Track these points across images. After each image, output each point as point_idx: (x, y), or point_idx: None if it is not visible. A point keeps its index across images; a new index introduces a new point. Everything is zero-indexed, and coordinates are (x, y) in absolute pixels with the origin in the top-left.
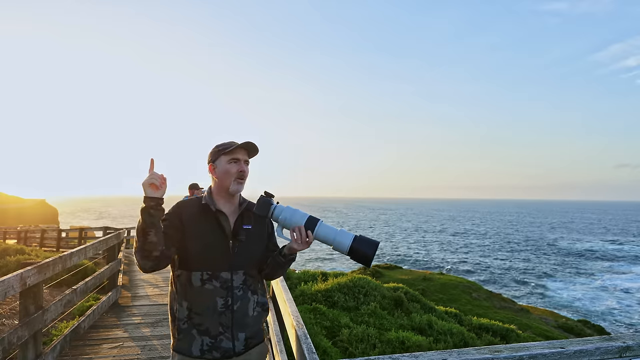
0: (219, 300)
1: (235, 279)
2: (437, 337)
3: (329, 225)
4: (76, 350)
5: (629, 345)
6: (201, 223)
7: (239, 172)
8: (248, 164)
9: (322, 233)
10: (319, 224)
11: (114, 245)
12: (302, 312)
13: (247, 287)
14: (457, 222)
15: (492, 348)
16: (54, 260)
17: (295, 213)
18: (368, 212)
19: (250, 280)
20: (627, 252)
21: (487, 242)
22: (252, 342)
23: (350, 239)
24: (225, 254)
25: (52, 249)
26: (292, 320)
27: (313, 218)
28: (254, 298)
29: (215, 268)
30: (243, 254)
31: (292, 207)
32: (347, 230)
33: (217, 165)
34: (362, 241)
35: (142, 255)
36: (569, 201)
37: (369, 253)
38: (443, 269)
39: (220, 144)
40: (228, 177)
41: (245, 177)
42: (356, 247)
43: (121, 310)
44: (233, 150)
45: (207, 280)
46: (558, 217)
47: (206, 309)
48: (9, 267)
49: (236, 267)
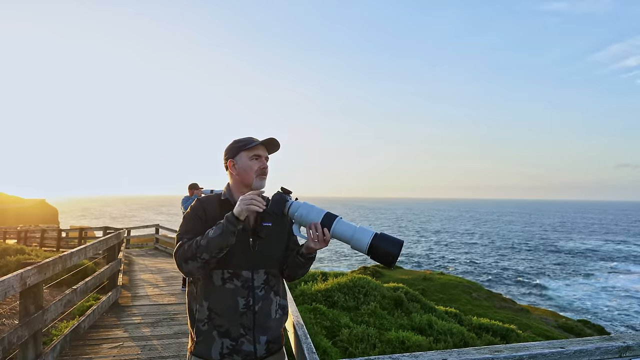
0: (240, 301)
1: (257, 278)
2: (437, 337)
3: (347, 222)
4: (76, 350)
5: (629, 345)
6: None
7: (261, 169)
8: (268, 160)
9: (339, 230)
10: (336, 221)
11: (114, 245)
12: (302, 312)
13: (270, 287)
14: (457, 222)
15: (492, 348)
16: (54, 260)
17: (312, 209)
18: (367, 212)
19: (273, 280)
20: (628, 252)
21: (487, 242)
22: (274, 347)
23: (370, 237)
24: (245, 252)
25: (52, 249)
26: (292, 320)
27: (330, 214)
28: (276, 299)
29: (236, 266)
30: (264, 252)
31: (309, 204)
32: (368, 227)
33: (237, 161)
34: (383, 239)
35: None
36: (569, 201)
37: (392, 251)
38: (443, 269)
39: (240, 140)
40: (250, 174)
41: (267, 173)
42: (377, 245)
43: (121, 310)
44: (255, 146)
45: (228, 279)
46: (558, 217)
47: (227, 310)
48: (9, 267)
49: (257, 266)
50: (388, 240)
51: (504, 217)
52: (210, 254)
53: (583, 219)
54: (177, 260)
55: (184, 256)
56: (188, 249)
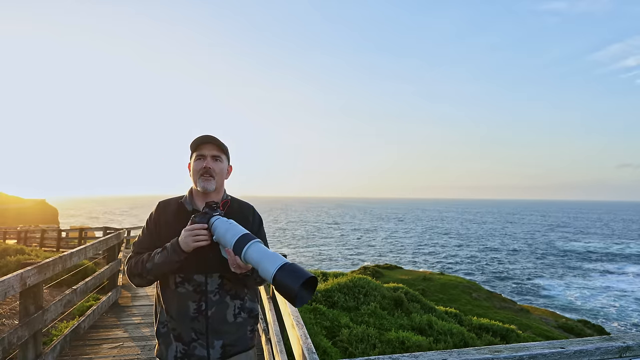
0: (191, 305)
1: (210, 283)
2: (437, 337)
3: (261, 247)
4: (76, 350)
5: (629, 345)
6: (175, 224)
7: (204, 169)
8: (219, 159)
9: (250, 257)
10: (247, 247)
11: (114, 245)
12: (302, 312)
13: (226, 292)
14: (457, 222)
15: (492, 348)
16: (54, 260)
17: (227, 231)
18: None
19: (229, 284)
20: (628, 252)
21: (487, 242)
22: (232, 350)
23: (275, 268)
24: (198, 256)
25: (52, 249)
26: (292, 320)
27: (244, 238)
28: (234, 303)
29: (188, 271)
30: (219, 256)
31: (226, 223)
32: (280, 255)
33: (190, 162)
34: (288, 271)
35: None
36: (570, 201)
37: (292, 287)
38: (443, 269)
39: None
40: (195, 175)
41: (213, 173)
42: (279, 278)
43: (121, 310)
44: (197, 146)
45: (180, 283)
46: (558, 218)
47: (179, 314)
48: (9, 267)
49: (211, 270)
50: (292, 273)
51: (504, 217)
52: (156, 275)
53: (583, 219)
54: (126, 273)
55: (132, 272)
56: (135, 265)
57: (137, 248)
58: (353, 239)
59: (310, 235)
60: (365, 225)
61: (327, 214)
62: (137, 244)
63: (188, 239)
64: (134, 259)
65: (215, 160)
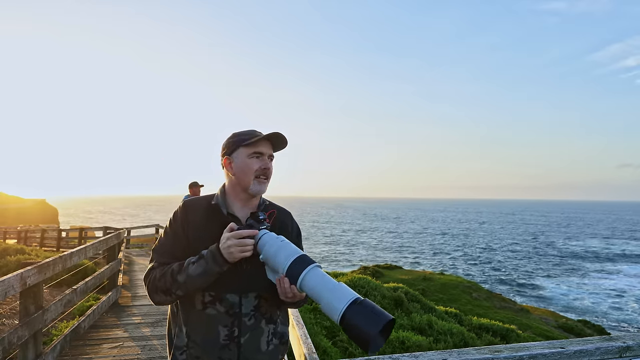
0: (222, 330)
1: (245, 304)
2: (437, 337)
3: (322, 274)
4: (76, 350)
5: (629, 345)
6: (207, 230)
7: (262, 170)
8: (273, 159)
9: (308, 286)
10: (305, 273)
11: (114, 245)
12: (302, 312)
13: (261, 315)
14: (457, 222)
15: (492, 348)
16: (54, 260)
17: (279, 252)
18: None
19: (266, 306)
20: (629, 252)
21: (488, 242)
22: None
23: (345, 304)
24: (233, 272)
25: (52, 249)
26: (292, 320)
27: (300, 261)
28: (268, 328)
29: (221, 288)
30: (256, 273)
31: (277, 242)
32: (347, 288)
33: (234, 158)
34: (362, 310)
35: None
36: (570, 201)
37: (368, 331)
38: (443, 269)
39: (240, 133)
40: (248, 175)
41: (270, 175)
42: (350, 318)
43: (121, 310)
44: (256, 142)
45: (210, 303)
46: (558, 218)
47: (205, 340)
48: (9, 267)
49: (246, 289)
50: (368, 314)
51: (504, 217)
52: (187, 291)
53: (584, 220)
54: (147, 287)
55: (156, 287)
56: (160, 278)
57: (161, 257)
58: (353, 238)
59: (310, 236)
60: (365, 225)
61: (327, 214)
62: (160, 251)
63: (233, 247)
64: (158, 270)
65: (271, 160)
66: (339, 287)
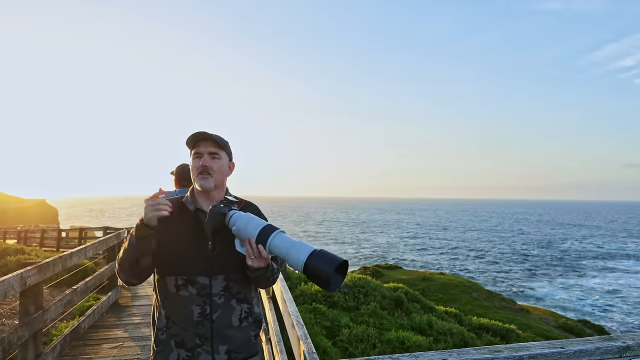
0: (195, 309)
1: (215, 285)
2: (437, 337)
3: (287, 237)
4: (76, 350)
5: (629, 345)
6: (178, 223)
7: (201, 167)
8: (217, 156)
9: (275, 245)
10: (273, 236)
11: (114, 245)
12: (302, 312)
13: (231, 295)
14: (458, 223)
15: (492, 348)
16: (54, 260)
17: (250, 223)
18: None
19: (236, 286)
20: (630, 252)
21: (488, 242)
22: (237, 356)
23: (306, 254)
24: (202, 256)
25: (52, 249)
26: (292, 320)
27: (268, 228)
28: (241, 307)
29: (191, 272)
30: (224, 256)
31: (248, 216)
32: (307, 244)
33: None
34: (321, 257)
35: (130, 275)
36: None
37: (326, 271)
38: (443, 269)
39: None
40: (193, 173)
41: (210, 171)
42: (311, 264)
43: (121, 310)
44: (193, 144)
45: (182, 285)
46: (560, 217)
47: (182, 318)
48: (9, 267)
49: (215, 271)
50: (325, 259)
51: (506, 217)
52: (130, 264)
53: (585, 219)
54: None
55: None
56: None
57: None
58: (352, 239)
59: (310, 236)
60: (365, 225)
61: (327, 214)
62: None
63: (148, 208)
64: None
65: (213, 158)
66: (300, 243)
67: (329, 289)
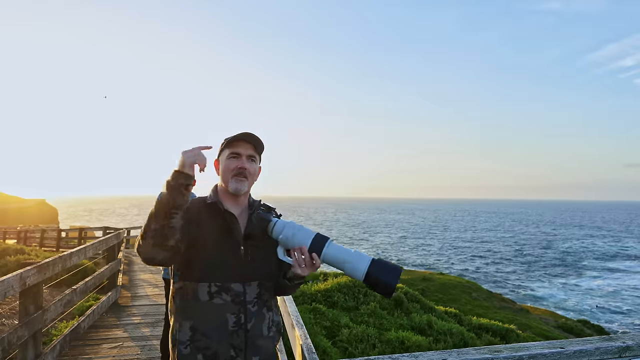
0: (230, 318)
1: (249, 292)
2: (437, 337)
3: (340, 246)
4: (76, 350)
5: (629, 345)
6: (208, 225)
7: (238, 169)
8: (254, 160)
9: (331, 255)
10: (327, 245)
11: (113, 245)
12: (302, 312)
13: (263, 302)
14: (458, 223)
15: (492, 348)
16: (53, 260)
17: (299, 231)
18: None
19: (266, 294)
20: (630, 252)
21: (488, 242)
22: None
23: (367, 264)
24: (236, 262)
25: (52, 249)
26: (291, 320)
27: (320, 237)
28: (269, 315)
29: (225, 278)
30: (257, 262)
31: (295, 224)
32: (363, 253)
33: (220, 161)
34: (381, 266)
35: (155, 242)
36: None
37: (390, 282)
38: (443, 269)
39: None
40: (227, 174)
41: (247, 174)
42: (373, 274)
43: (121, 310)
44: (233, 143)
45: (216, 293)
46: (560, 218)
47: (215, 329)
48: (9, 267)
49: (249, 278)
50: (385, 268)
51: (506, 217)
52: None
53: (585, 219)
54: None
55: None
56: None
57: None
58: (352, 239)
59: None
60: (365, 225)
61: (327, 214)
62: None
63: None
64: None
65: (251, 161)
66: (357, 253)
67: (389, 297)
